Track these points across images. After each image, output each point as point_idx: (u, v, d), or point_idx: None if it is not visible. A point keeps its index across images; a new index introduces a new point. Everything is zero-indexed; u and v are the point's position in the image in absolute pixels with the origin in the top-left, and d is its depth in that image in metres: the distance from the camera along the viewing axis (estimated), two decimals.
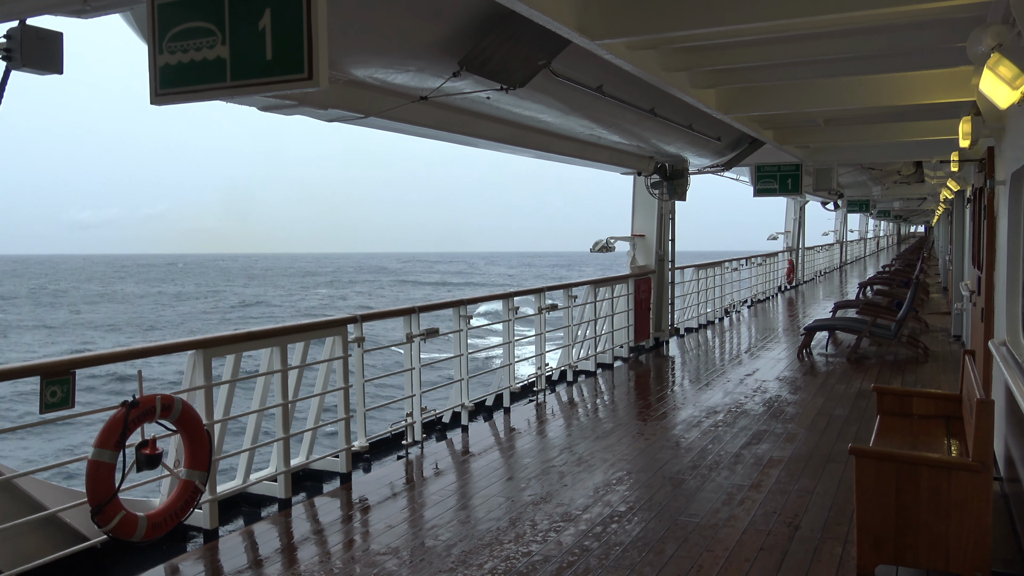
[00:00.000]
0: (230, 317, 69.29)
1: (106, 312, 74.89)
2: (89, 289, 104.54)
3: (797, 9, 5.54)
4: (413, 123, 7.44)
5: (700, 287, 16.76)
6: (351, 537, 5.56)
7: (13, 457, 21.63)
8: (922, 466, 4.52)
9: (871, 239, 52.50)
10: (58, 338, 56.45)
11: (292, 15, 3.30)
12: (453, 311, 8.63)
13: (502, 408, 9.31)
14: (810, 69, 8.00)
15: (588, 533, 5.45)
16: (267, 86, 3.39)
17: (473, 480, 6.77)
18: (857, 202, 29.02)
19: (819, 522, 5.62)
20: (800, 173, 15.23)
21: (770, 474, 6.69)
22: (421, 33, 5.75)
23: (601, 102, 8.23)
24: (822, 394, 9.91)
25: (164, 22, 3.56)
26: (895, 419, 6.11)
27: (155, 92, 3.63)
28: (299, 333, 6.42)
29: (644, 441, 7.82)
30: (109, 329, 61.76)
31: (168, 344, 5.57)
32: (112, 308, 78.88)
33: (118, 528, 4.72)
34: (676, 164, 13.45)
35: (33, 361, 4.73)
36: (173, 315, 72.01)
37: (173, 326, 63.42)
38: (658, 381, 11.30)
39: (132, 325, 64.48)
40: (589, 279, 11.99)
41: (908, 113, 11.10)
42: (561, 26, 5.51)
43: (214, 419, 5.63)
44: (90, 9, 4.09)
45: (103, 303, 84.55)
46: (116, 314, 72.85)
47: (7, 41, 4.16)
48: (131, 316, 71.28)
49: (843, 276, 32.64)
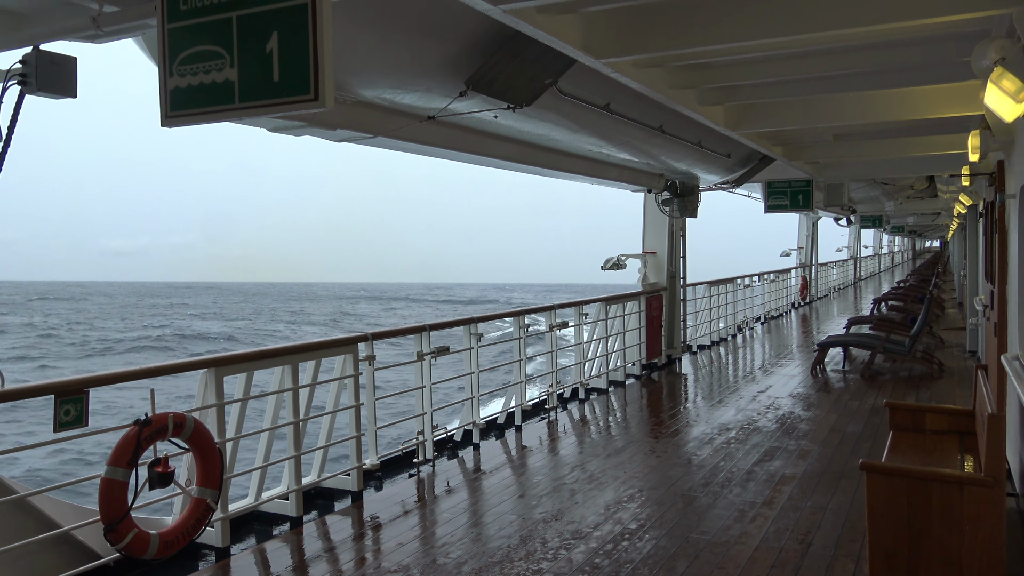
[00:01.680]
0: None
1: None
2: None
3: (801, 26, 5.57)
4: (421, 142, 7.49)
5: (712, 304, 16.72)
6: (363, 555, 5.57)
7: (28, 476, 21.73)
8: (934, 481, 4.49)
9: (885, 255, 52.25)
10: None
11: (298, 38, 3.36)
12: (464, 329, 8.66)
13: (513, 426, 9.30)
14: (817, 85, 8.02)
15: (599, 551, 5.43)
16: (274, 107, 3.44)
17: (484, 498, 6.77)
18: (870, 217, 28.88)
19: (832, 539, 5.59)
20: (811, 189, 15.20)
21: (782, 491, 6.66)
22: (428, 54, 5.81)
23: (609, 120, 8.27)
24: (836, 410, 9.86)
25: (174, 46, 3.62)
26: (908, 435, 6.07)
27: (165, 114, 3.69)
28: (310, 352, 6.46)
29: (656, 458, 7.80)
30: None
31: (181, 363, 5.63)
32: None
33: (130, 546, 4.75)
34: (687, 181, 13.46)
35: (47, 380, 4.78)
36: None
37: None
38: (670, 398, 11.27)
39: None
40: (600, 296, 11.99)
41: (917, 128, 11.09)
42: (566, 46, 5.57)
43: (226, 437, 5.67)
44: (103, 34, 4.17)
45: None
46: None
47: (22, 66, 4.25)
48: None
49: (857, 292, 32.48)
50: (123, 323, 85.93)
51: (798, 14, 5.59)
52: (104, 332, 73.30)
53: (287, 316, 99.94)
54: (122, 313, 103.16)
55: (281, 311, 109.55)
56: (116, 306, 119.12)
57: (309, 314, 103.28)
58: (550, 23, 5.27)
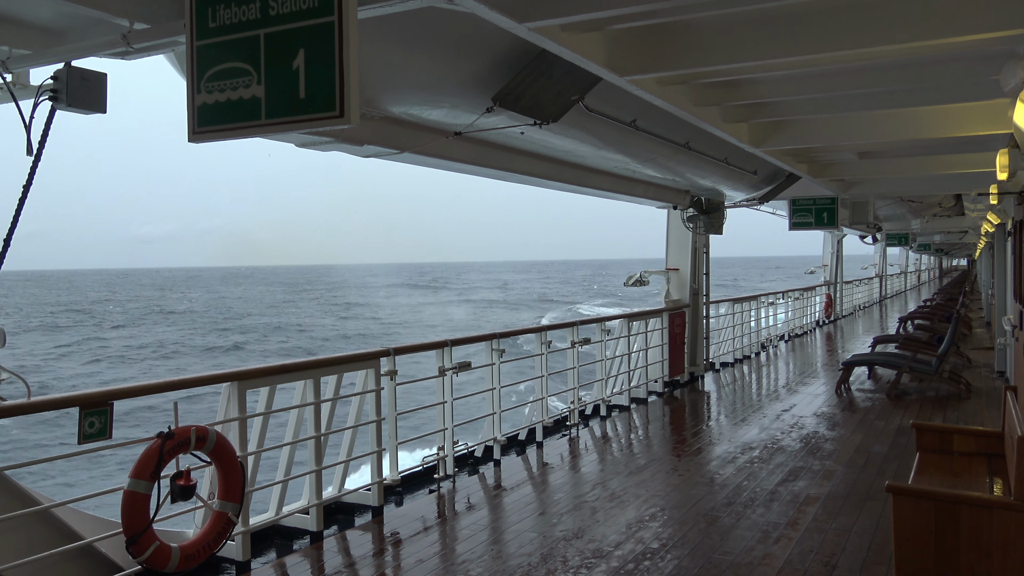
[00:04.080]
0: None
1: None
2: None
3: (824, 45, 5.55)
4: (448, 158, 7.52)
5: (736, 321, 16.62)
6: (382, 571, 5.55)
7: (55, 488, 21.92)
8: (962, 505, 4.42)
9: (912, 273, 51.72)
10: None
11: (325, 55, 3.38)
12: (486, 344, 8.65)
13: (535, 442, 9.27)
14: (841, 103, 7.97)
15: (620, 570, 5.39)
16: (300, 124, 3.47)
17: (505, 515, 6.74)
18: (896, 235, 28.62)
19: (857, 562, 5.50)
20: (836, 206, 15.09)
21: (807, 512, 6.58)
22: (455, 70, 5.84)
23: (635, 136, 8.26)
24: (861, 430, 9.74)
25: (202, 63, 3.66)
26: (935, 456, 5.98)
27: (192, 130, 3.72)
28: (332, 366, 6.48)
29: (678, 477, 7.73)
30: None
31: (204, 376, 5.66)
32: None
33: (152, 559, 4.76)
34: (712, 198, 13.42)
35: (71, 392, 4.82)
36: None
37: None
38: (693, 416, 11.19)
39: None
40: (623, 313, 11.95)
41: (944, 146, 10.98)
42: (590, 63, 5.57)
43: (248, 451, 5.69)
44: (133, 51, 4.22)
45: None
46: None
47: (54, 82, 4.31)
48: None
49: (883, 310, 32.15)
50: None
51: (822, 33, 5.56)
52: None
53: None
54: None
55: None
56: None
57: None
58: (574, 41, 5.28)
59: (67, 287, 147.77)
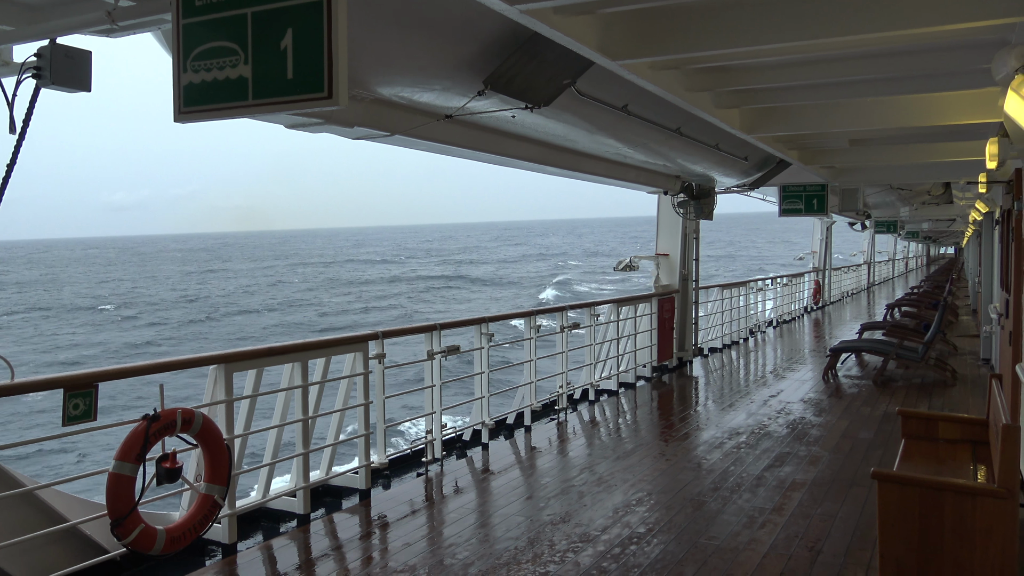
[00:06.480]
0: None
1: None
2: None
3: (818, 31, 5.52)
4: (439, 141, 7.46)
5: (725, 307, 16.66)
6: (369, 554, 5.56)
7: (39, 472, 21.87)
8: (946, 491, 4.44)
9: (900, 260, 51.94)
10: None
11: (313, 35, 3.34)
12: (475, 328, 8.64)
13: (523, 426, 9.28)
14: (833, 90, 7.95)
15: (606, 554, 5.41)
16: (288, 105, 3.43)
17: (492, 499, 6.75)
18: (885, 223, 28.73)
19: (841, 547, 5.54)
20: (826, 193, 15.11)
21: (792, 497, 6.61)
22: (446, 53, 5.79)
23: (627, 121, 8.22)
24: (847, 417, 9.79)
25: (188, 42, 3.61)
26: (920, 443, 6.01)
27: (179, 110, 3.68)
28: (320, 349, 6.46)
29: (665, 462, 7.76)
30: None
31: (190, 359, 5.62)
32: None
33: (137, 541, 4.75)
34: (703, 183, 13.40)
35: (56, 374, 4.79)
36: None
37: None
38: (681, 401, 11.22)
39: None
40: (612, 298, 11.96)
41: (934, 134, 10.99)
42: (582, 47, 5.53)
43: (234, 434, 5.67)
44: (118, 29, 4.17)
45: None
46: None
47: (37, 59, 4.25)
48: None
49: (871, 297, 32.29)
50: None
51: (815, 19, 5.53)
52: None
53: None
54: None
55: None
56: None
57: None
58: (566, 24, 5.24)
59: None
